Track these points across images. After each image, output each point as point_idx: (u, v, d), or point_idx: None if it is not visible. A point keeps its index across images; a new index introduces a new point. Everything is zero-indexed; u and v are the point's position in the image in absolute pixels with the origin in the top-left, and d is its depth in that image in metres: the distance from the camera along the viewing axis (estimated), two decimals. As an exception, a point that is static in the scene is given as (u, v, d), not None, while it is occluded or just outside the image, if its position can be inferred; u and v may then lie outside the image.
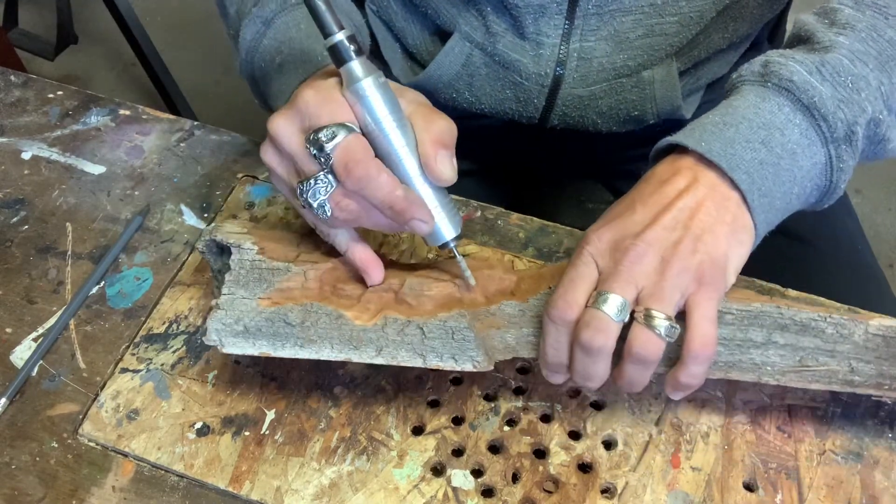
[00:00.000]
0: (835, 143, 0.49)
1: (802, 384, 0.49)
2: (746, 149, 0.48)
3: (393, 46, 0.77)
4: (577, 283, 0.47)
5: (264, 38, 0.58)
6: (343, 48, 0.46)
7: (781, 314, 0.49)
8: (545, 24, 0.65)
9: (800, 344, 0.49)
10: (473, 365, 0.50)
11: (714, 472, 0.52)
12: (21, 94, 0.75)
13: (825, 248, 0.73)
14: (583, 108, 0.71)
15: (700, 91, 0.76)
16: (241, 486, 0.52)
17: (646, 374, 0.47)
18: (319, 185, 0.47)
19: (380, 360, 0.50)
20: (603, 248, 0.48)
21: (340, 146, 0.46)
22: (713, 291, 0.46)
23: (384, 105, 0.47)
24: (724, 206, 0.47)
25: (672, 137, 0.50)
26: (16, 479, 0.53)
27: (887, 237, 1.70)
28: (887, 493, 0.51)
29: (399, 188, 0.47)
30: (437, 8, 0.69)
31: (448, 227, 0.50)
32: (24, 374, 0.57)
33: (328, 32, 0.46)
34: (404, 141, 0.48)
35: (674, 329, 0.45)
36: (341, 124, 0.47)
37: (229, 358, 0.58)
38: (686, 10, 0.65)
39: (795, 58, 0.50)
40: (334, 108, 0.47)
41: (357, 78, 0.46)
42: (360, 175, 0.46)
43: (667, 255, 0.46)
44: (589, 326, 0.46)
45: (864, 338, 0.49)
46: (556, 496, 0.51)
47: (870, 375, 0.49)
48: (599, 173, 0.86)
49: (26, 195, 0.68)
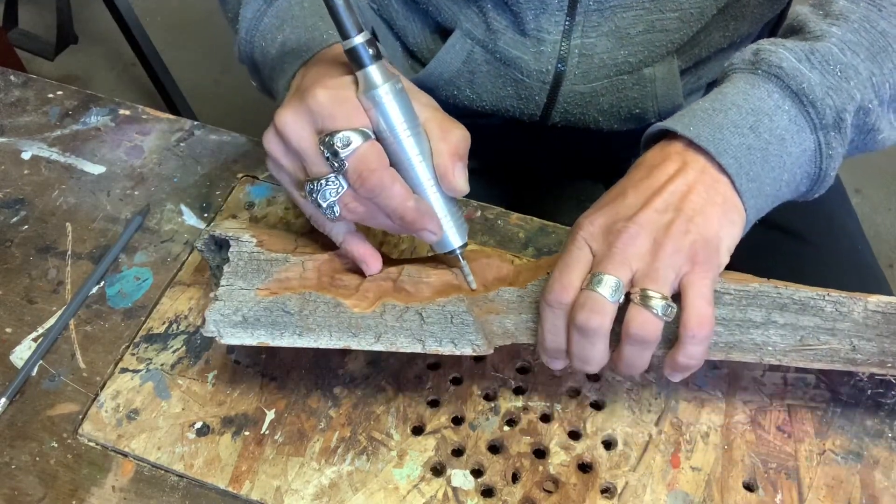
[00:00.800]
0: (824, 130, 0.49)
1: (805, 363, 0.49)
2: (735, 134, 0.48)
3: (393, 45, 0.77)
4: (572, 266, 0.48)
5: (265, 17, 0.57)
6: (363, 52, 0.45)
7: (780, 293, 0.49)
8: (546, 21, 0.66)
9: (800, 323, 0.49)
10: (473, 349, 0.50)
11: (714, 472, 0.52)
12: (21, 94, 0.75)
13: (825, 247, 0.73)
14: (584, 106, 0.71)
15: (701, 90, 0.76)
16: (241, 486, 0.52)
17: (645, 355, 0.47)
18: (330, 187, 0.47)
19: (379, 347, 0.50)
20: (596, 231, 0.48)
21: (356, 154, 0.46)
22: (707, 271, 0.46)
23: (400, 112, 0.46)
24: (714, 188, 0.48)
25: (662, 123, 0.51)
26: (16, 479, 0.53)
27: (887, 237, 1.70)
28: (887, 493, 0.51)
29: (411, 199, 0.47)
30: (438, 5, 0.69)
31: (455, 235, 0.51)
32: (23, 374, 0.57)
33: (347, 35, 0.45)
34: (418, 150, 0.47)
35: (670, 308, 0.46)
36: (357, 129, 0.46)
37: (229, 358, 0.58)
38: (686, 6, 0.65)
39: (786, 45, 0.50)
40: (349, 111, 0.46)
41: (375, 84, 0.46)
42: (374, 185, 0.46)
43: (659, 236, 0.46)
44: (584, 308, 0.46)
45: (863, 315, 0.49)
46: (555, 496, 0.51)
47: (872, 353, 0.49)
48: (600, 173, 0.86)
49: (26, 195, 0.68)
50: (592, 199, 0.87)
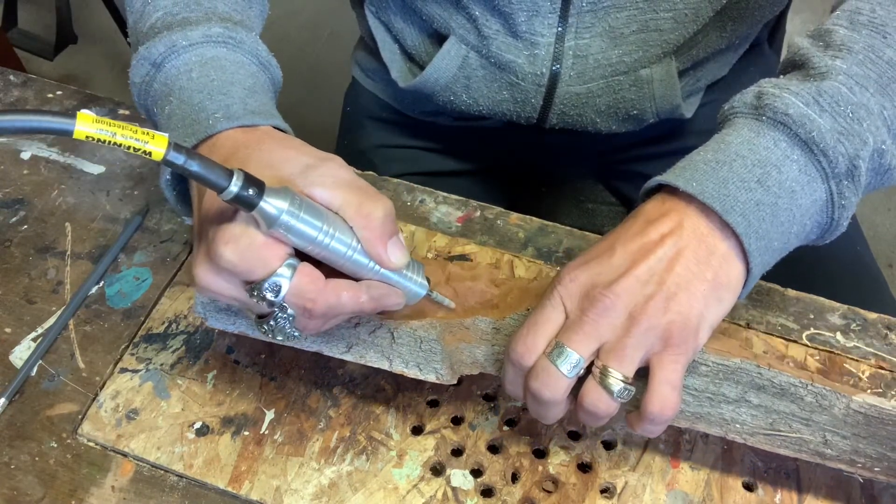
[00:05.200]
0: (836, 179, 0.46)
1: (770, 448, 0.48)
2: (741, 189, 0.45)
3: (392, 48, 0.77)
4: (541, 326, 0.46)
5: (154, 82, 0.53)
6: (244, 194, 0.40)
7: (760, 374, 0.47)
8: (539, 24, 0.65)
9: (774, 407, 0.48)
10: (437, 377, 0.50)
11: (713, 472, 0.52)
12: (20, 93, 0.75)
13: (824, 247, 0.73)
14: (581, 107, 0.71)
15: (700, 92, 0.76)
16: (241, 486, 0.52)
17: (599, 422, 0.47)
18: (281, 322, 0.44)
19: (349, 357, 0.50)
20: (574, 291, 0.46)
21: (291, 293, 0.43)
22: (680, 354, 0.44)
23: (313, 225, 0.42)
24: (706, 260, 0.45)
25: (662, 177, 0.47)
26: (15, 479, 0.53)
27: (886, 237, 1.70)
28: (887, 493, 0.51)
29: (363, 294, 0.45)
30: (431, 13, 0.70)
31: (417, 286, 0.48)
32: (23, 374, 0.57)
33: (221, 188, 0.40)
34: (348, 242, 0.44)
35: (627, 391, 0.44)
36: (281, 267, 0.42)
37: (229, 358, 0.58)
38: (681, 6, 0.65)
39: (790, 88, 0.47)
40: (265, 256, 0.42)
41: (274, 217, 0.41)
42: (322, 311, 0.44)
43: (635, 311, 0.44)
44: (538, 378, 0.45)
45: (844, 412, 0.47)
46: (555, 496, 0.51)
47: (843, 451, 0.47)
48: (599, 173, 0.87)
49: (25, 195, 0.68)
50: (592, 200, 0.88)
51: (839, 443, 0.47)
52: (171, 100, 0.51)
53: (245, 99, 0.50)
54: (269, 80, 0.56)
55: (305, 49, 2.07)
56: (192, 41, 0.52)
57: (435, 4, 0.69)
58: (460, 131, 0.83)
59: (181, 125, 0.49)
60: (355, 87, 0.90)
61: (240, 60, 0.53)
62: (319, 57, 2.06)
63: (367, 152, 0.86)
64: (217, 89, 0.50)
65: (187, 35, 0.52)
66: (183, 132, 0.49)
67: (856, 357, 0.56)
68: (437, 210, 0.66)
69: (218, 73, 0.51)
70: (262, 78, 0.55)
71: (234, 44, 0.53)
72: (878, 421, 0.47)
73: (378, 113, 0.87)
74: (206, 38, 0.53)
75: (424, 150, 0.86)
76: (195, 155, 0.38)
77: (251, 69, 0.54)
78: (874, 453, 0.47)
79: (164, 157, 0.38)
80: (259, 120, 0.49)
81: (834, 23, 0.50)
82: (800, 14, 1.96)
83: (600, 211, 0.87)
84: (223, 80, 0.51)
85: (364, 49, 0.87)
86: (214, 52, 0.52)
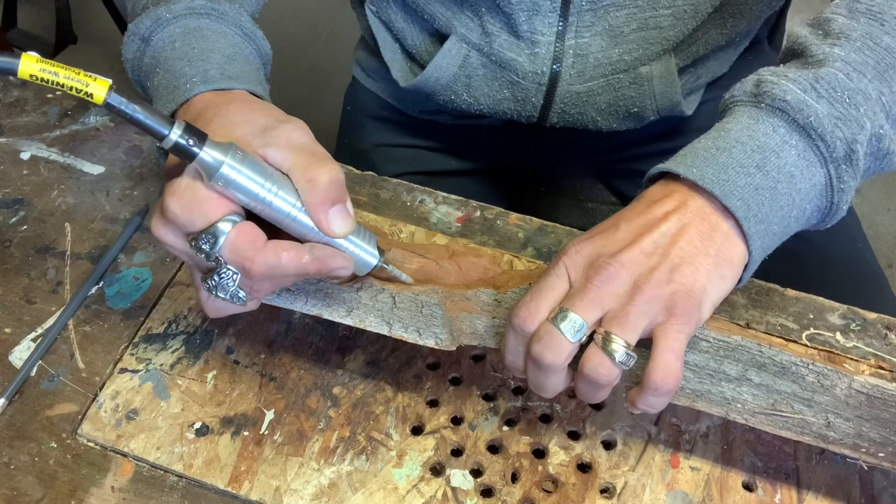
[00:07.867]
0: (834, 164, 0.47)
1: (772, 429, 0.48)
2: (740, 174, 0.46)
3: (393, 47, 0.77)
4: (545, 293, 0.46)
5: (144, 57, 0.55)
6: (184, 144, 0.41)
7: (761, 352, 0.47)
8: (539, 23, 0.66)
9: (776, 386, 0.47)
10: (436, 342, 0.50)
11: (713, 472, 0.52)
12: (20, 93, 0.75)
13: (824, 246, 0.73)
14: (581, 105, 0.71)
15: (700, 90, 0.76)
16: (241, 486, 0.52)
17: (599, 393, 0.46)
18: (224, 279, 0.44)
19: (348, 321, 0.50)
20: (579, 261, 0.46)
21: (225, 247, 0.43)
22: (683, 324, 0.44)
23: (255, 178, 0.43)
24: (710, 236, 0.45)
25: (663, 165, 0.48)
26: (15, 479, 0.53)
27: (887, 237, 1.70)
28: (886, 493, 0.51)
29: (305, 254, 0.44)
30: (433, 12, 0.70)
31: (368, 254, 0.48)
32: (23, 375, 0.57)
33: (161, 135, 0.41)
34: (292, 202, 0.44)
35: (630, 357, 0.44)
36: (221, 220, 0.43)
37: (228, 358, 0.58)
38: (679, 3, 0.65)
39: (788, 75, 0.48)
40: (206, 209, 0.43)
41: (214, 167, 0.42)
42: (260, 269, 0.43)
43: (640, 279, 0.44)
44: (540, 341, 0.45)
45: (846, 392, 0.47)
46: (555, 496, 0.51)
47: (847, 434, 0.47)
48: (599, 172, 0.86)
49: (25, 195, 0.68)
50: (592, 199, 0.88)
51: (842, 425, 0.47)
52: (157, 71, 0.53)
53: (223, 65, 0.52)
54: (255, 50, 0.58)
55: (305, 49, 2.07)
56: (175, 14, 0.54)
57: (437, 4, 0.69)
58: (461, 130, 0.83)
59: (165, 93, 0.51)
60: (355, 87, 0.90)
61: (222, 30, 0.55)
62: (319, 57, 2.06)
63: (368, 152, 0.86)
64: (197, 56, 0.52)
65: (171, 8, 0.54)
66: (165, 99, 0.50)
67: (855, 357, 0.56)
68: (436, 210, 0.66)
69: (199, 42, 0.53)
70: (247, 48, 0.56)
71: (217, 15, 0.56)
72: (880, 402, 0.47)
73: (378, 112, 0.87)
74: (189, 10, 0.55)
75: (425, 150, 0.86)
76: (137, 101, 0.39)
77: (233, 39, 0.55)
78: (878, 437, 0.47)
79: (105, 100, 0.39)
80: (235, 84, 0.51)
81: (833, 11, 0.51)
82: (799, 14, 1.96)
83: (600, 210, 0.87)
84: (203, 48, 0.53)
85: (364, 48, 0.87)
86: (197, 23, 0.55)
